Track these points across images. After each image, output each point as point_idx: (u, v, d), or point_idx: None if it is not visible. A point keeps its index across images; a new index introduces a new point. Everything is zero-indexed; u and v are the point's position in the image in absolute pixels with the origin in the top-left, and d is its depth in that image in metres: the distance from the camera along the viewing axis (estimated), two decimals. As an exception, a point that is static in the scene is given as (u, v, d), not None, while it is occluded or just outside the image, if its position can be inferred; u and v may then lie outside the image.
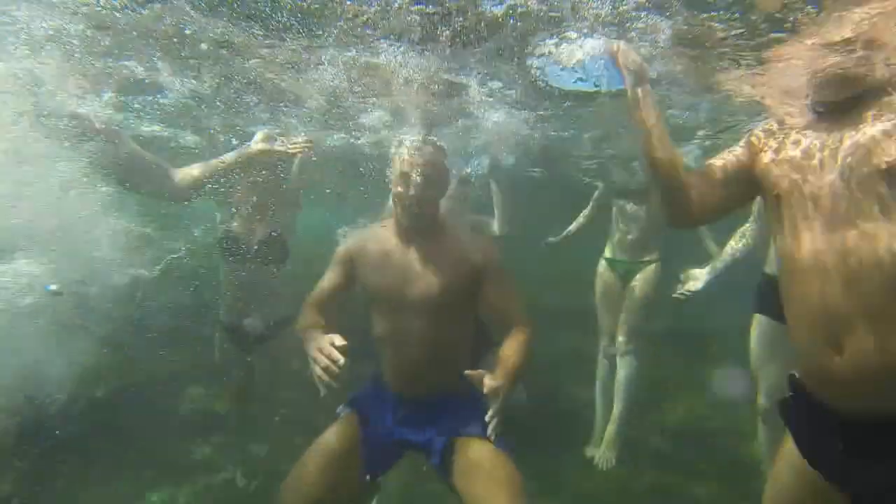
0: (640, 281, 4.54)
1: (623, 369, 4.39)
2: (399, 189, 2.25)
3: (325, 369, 1.96)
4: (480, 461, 2.13)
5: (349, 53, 2.98)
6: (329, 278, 2.46)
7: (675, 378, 6.11)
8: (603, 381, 4.65)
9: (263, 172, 3.52)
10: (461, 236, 2.40)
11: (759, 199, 1.71)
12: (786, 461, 1.59)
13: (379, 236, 2.40)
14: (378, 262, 2.34)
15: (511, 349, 2.19)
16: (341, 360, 1.95)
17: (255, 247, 3.59)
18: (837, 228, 1.34)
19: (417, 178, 2.22)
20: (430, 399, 2.34)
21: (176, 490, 4.14)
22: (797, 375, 1.54)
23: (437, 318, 2.27)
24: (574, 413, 5.08)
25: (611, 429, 4.40)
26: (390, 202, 2.44)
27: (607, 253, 4.85)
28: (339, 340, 2.00)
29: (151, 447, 4.28)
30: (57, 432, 3.09)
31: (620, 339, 4.45)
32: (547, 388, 5.22)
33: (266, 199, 3.60)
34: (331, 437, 2.32)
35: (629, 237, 4.69)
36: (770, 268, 3.22)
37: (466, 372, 1.99)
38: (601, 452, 4.40)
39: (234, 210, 3.64)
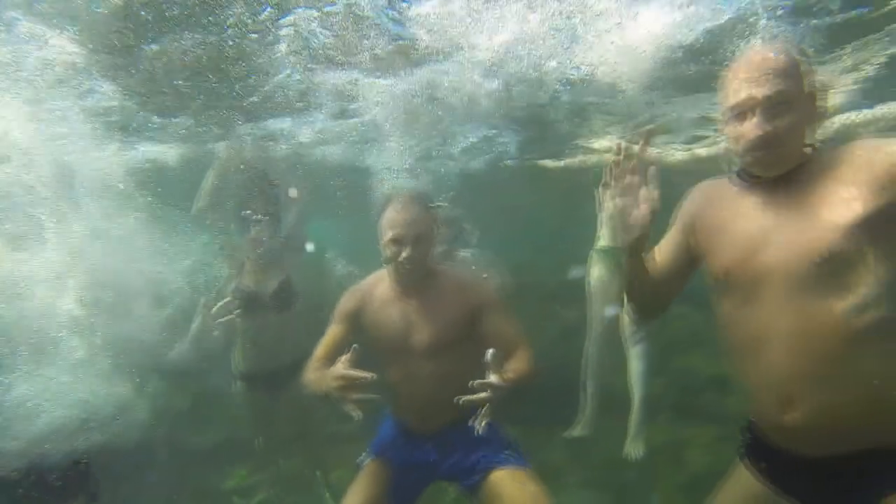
0: None
1: (635, 360, 4.23)
2: (390, 252, 2.30)
3: (354, 388, 1.96)
4: (511, 490, 2.25)
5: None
6: (333, 335, 2.47)
7: (683, 336, 6.18)
8: (593, 368, 4.51)
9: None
10: (456, 278, 2.47)
11: None
12: (737, 481, 1.76)
13: (378, 289, 2.47)
14: (381, 316, 2.42)
15: (518, 362, 2.22)
16: (368, 375, 1.96)
17: (268, 298, 3.67)
18: (782, 306, 1.47)
19: (407, 240, 2.26)
20: (448, 429, 2.41)
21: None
22: (754, 420, 1.72)
23: (445, 359, 2.33)
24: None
25: (634, 420, 4.21)
26: None
27: (599, 242, 4.65)
28: (348, 355, 2.03)
29: (183, 478, 4.33)
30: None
31: (627, 330, 4.28)
32: (565, 361, 5.26)
33: (272, 251, 3.72)
34: (361, 487, 2.41)
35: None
36: None
37: (490, 351, 2.00)
38: (629, 445, 4.17)
39: (242, 266, 3.76)
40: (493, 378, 1.93)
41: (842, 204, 1.42)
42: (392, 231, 2.28)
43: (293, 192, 4.32)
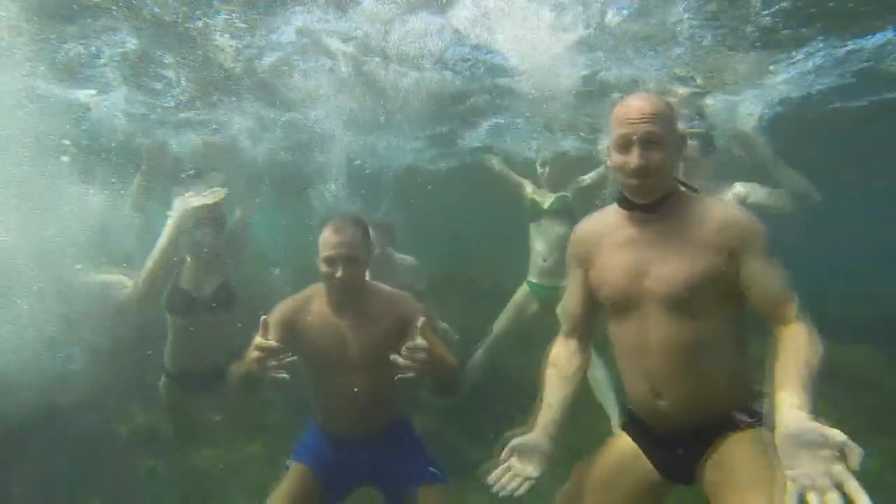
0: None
1: (599, 369, 4.13)
2: (326, 270, 2.40)
3: (272, 356, 2.09)
4: None
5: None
6: None
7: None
8: (475, 370, 4.62)
9: (206, 229, 3.62)
10: (386, 296, 2.61)
11: None
12: (616, 443, 2.19)
13: (312, 303, 2.55)
14: (314, 330, 2.50)
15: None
16: (273, 343, 2.11)
17: (204, 300, 3.63)
18: (656, 323, 1.89)
19: (341, 260, 2.37)
20: (374, 436, 2.60)
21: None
22: (631, 408, 2.16)
23: (373, 373, 2.46)
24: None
25: (614, 422, 4.11)
26: None
27: (530, 277, 4.68)
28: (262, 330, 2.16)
29: (94, 464, 4.20)
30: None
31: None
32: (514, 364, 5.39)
33: (212, 252, 3.67)
34: (286, 490, 2.52)
35: (548, 260, 4.53)
36: None
37: (421, 318, 2.24)
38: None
39: (180, 265, 3.69)
40: (419, 341, 2.16)
41: (701, 252, 1.84)
42: (327, 251, 2.39)
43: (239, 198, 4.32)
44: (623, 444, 2.15)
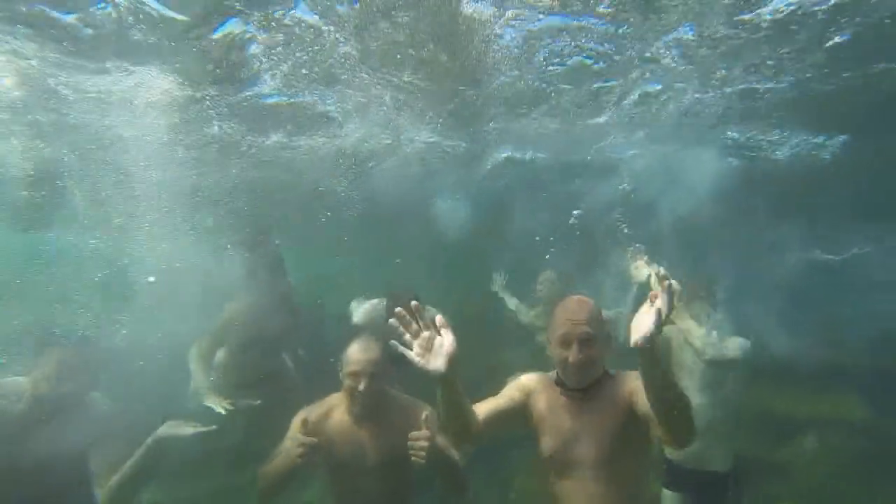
0: None
1: None
2: (350, 384, 2.65)
3: (304, 448, 2.41)
4: None
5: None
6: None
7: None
8: None
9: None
10: (401, 404, 2.81)
11: None
12: None
13: (334, 412, 2.80)
14: (335, 437, 2.73)
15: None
16: (314, 439, 2.45)
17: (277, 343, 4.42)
18: (583, 482, 2.23)
19: (364, 375, 2.62)
20: None
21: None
22: None
23: (387, 477, 2.73)
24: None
25: None
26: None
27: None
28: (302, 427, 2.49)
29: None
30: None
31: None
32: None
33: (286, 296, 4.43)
34: None
35: None
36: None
37: (425, 417, 2.44)
38: None
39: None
40: (425, 432, 2.38)
41: (617, 416, 2.23)
42: (353, 366, 2.65)
43: None
44: None
